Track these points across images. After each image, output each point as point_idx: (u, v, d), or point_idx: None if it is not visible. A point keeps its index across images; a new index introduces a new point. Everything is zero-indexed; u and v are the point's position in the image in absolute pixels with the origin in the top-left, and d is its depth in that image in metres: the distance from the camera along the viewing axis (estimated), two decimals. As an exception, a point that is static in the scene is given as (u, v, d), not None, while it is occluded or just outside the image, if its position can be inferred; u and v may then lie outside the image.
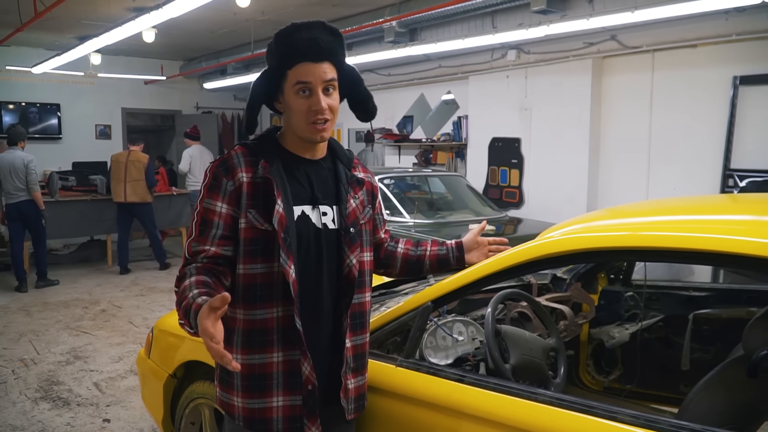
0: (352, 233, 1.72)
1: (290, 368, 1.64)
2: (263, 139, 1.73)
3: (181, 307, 1.50)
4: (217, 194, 1.62)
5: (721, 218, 1.74)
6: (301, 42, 1.61)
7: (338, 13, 7.29)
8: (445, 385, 1.83)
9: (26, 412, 3.93)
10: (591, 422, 1.52)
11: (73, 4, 6.31)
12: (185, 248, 1.66)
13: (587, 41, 5.99)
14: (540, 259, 1.80)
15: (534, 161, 6.86)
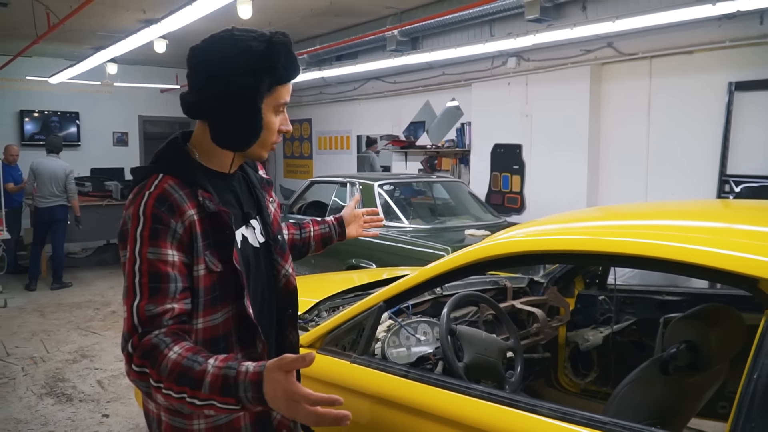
0: (280, 241, 1.60)
1: (260, 416, 1.47)
2: (184, 162, 1.45)
3: (203, 385, 1.19)
4: (165, 240, 1.32)
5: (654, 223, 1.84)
6: (295, 62, 1.48)
7: (342, 23, 7.47)
8: (391, 380, 1.95)
9: (31, 407, 4.13)
10: (514, 414, 1.63)
11: (86, 16, 6.55)
12: (133, 313, 1.28)
13: (584, 48, 6.06)
14: (481, 262, 1.91)
15: (535, 167, 6.94)
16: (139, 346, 1.25)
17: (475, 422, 1.69)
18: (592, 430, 1.48)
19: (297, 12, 6.90)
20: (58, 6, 5.99)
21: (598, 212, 2.36)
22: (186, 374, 1.20)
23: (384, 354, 2.32)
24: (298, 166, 11.55)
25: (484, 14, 6.00)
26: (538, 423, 1.56)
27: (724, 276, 1.45)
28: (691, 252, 1.48)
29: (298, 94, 10.67)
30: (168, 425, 1.42)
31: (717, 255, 1.46)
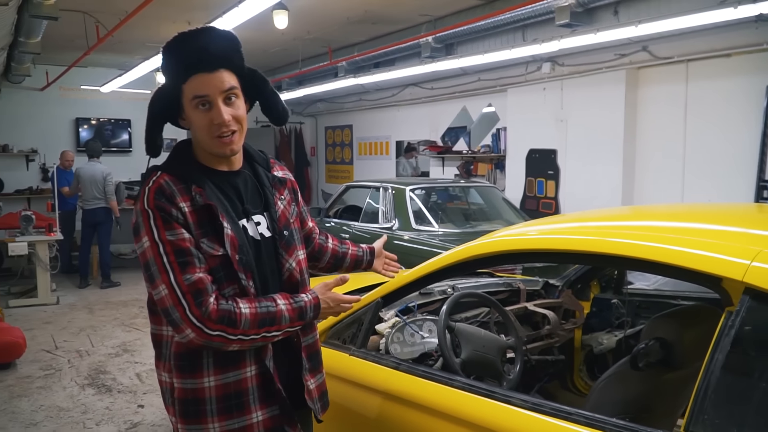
0: (286, 236, 1.69)
1: (264, 379, 1.60)
2: (182, 161, 1.60)
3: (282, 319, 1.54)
4: (175, 223, 1.49)
5: (634, 224, 1.88)
6: (191, 53, 1.50)
7: (378, 31, 7.61)
8: (384, 372, 2.05)
9: (73, 396, 4.38)
10: (492, 405, 1.70)
11: (135, 29, 6.90)
12: (174, 287, 1.46)
13: (618, 53, 6.02)
14: (468, 261, 1.99)
15: (569, 172, 6.90)
16: (208, 313, 1.45)
17: (456, 412, 1.78)
18: (561, 420, 1.54)
19: (334, 21, 7.07)
20: (108, 19, 6.34)
21: (591, 214, 2.40)
22: (265, 319, 1.52)
23: (387, 349, 2.41)
24: (339, 171, 11.75)
25: (515, 20, 6.03)
26: (506, 411, 1.63)
27: (691, 274, 1.49)
28: (658, 251, 1.53)
29: (340, 100, 10.87)
30: (180, 389, 1.56)
31: (683, 254, 1.50)
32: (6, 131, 9.89)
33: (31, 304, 7.04)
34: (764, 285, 1.34)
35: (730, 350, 1.35)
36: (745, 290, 1.38)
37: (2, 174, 9.89)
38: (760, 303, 1.35)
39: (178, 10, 6.38)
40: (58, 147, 9.68)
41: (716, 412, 1.32)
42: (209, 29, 1.54)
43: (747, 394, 1.32)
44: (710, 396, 1.34)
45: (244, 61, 1.61)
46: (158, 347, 1.63)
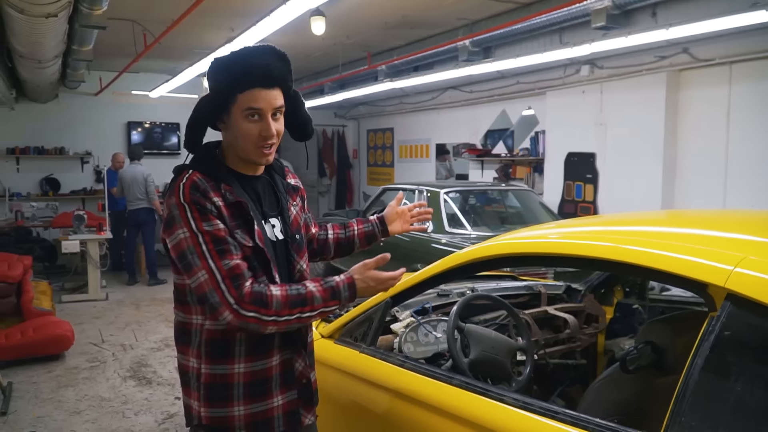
0: (297, 240, 1.80)
1: (285, 367, 1.73)
2: (210, 162, 1.70)
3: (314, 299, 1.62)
4: (211, 215, 1.60)
5: (629, 229, 1.90)
6: (255, 68, 1.61)
7: (417, 35, 7.67)
8: (390, 369, 2.12)
9: (115, 387, 4.61)
10: (487, 403, 1.76)
11: (181, 35, 7.16)
12: (215, 272, 1.57)
13: (658, 55, 5.92)
14: (473, 263, 2.05)
15: (608, 176, 6.82)
16: (244, 296, 1.56)
17: (453, 409, 1.83)
18: (549, 419, 1.59)
19: (372, 26, 7.18)
20: (155, 26, 6.60)
21: (600, 218, 2.41)
22: (297, 301, 1.61)
23: (401, 348, 2.49)
24: (380, 173, 11.86)
25: (552, 23, 6.00)
26: (498, 409, 1.68)
27: (677, 280, 1.52)
28: (645, 255, 1.56)
29: (381, 104, 10.98)
30: (208, 375, 1.67)
31: (668, 259, 1.52)
32: (62, 134, 10.37)
33: (82, 300, 7.39)
34: (745, 291, 1.36)
35: (709, 355, 1.37)
36: (727, 296, 1.40)
37: (58, 175, 10.38)
38: (741, 309, 1.37)
39: (221, 18, 6.58)
40: (111, 150, 10.09)
41: (693, 415, 1.35)
42: (272, 48, 1.66)
43: (723, 398, 1.34)
44: (688, 399, 1.37)
45: (293, 82, 1.75)
46: (186, 335, 1.72)
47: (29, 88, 8.82)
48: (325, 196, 12.75)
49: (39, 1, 3.97)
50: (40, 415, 4.09)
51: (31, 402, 4.30)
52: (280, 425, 1.72)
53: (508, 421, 1.67)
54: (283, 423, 1.73)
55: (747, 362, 1.36)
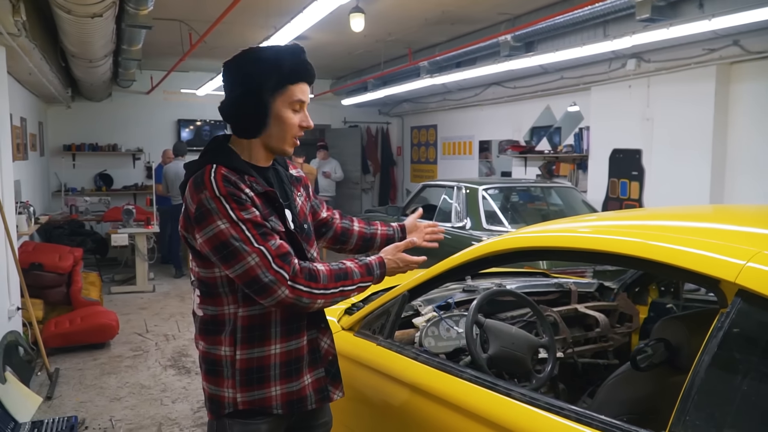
0: (306, 229, 1.87)
1: (313, 346, 1.83)
2: (229, 156, 1.75)
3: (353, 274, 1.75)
4: (248, 204, 1.66)
5: (642, 223, 1.84)
6: (306, 64, 1.76)
7: (458, 31, 7.61)
8: (403, 361, 2.13)
9: (155, 376, 4.75)
10: (497, 398, 1.74)
11: (226, 34, 7.31)
12: (265, 253, 1.62)
13: (707, 48, 5.70)
14: (485, 257, 2.02)
15: (654, 173, 6.62)
16: (297, 272, 1.65)
17: (463, 403, 1.82)
18: (554, 414, 1.56)
19: (412, 22, 7.16)
20: (201, 26, 6.75)
21: (616, 213, 2.35)
22: (339, 274, 1.74)
23: (421, 343, 2.48)
24: (424, 170, 11.83)
25: (595, 16, 5.86)
26: (505, 404, 1.66)
27: (690, 275, 1.46)
28: (658, 250, 1.51)
29: (424, 101, 10.94)
30: (244, 360, 1.72)
31: (681, 253, 1.47)
32: (115, 132, 10.74)
33: (130, 291, 7.64)
34: (756, 287, 1.31)
35: (717, 352, 1.32)
36: (738, 292, 1.34)
37: (111, 171, 10.76)
38: (752, 305, 1.31)
39: (263, 17, 6.68)
40: (162, 147, 10.39)
41: (698, 413, 1.30)
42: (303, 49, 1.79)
43: (728, 397, 1.29)
44: (693, 398, 1.32)
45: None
46: (217, 326, 1.75)
47: (84, 87, 9.15)
48: (369, 193, 12.79)
49: (84, 1, 4.10)
50: (83, 400, 4.25)
51: (75, 387, 4.48)
52: (312, 402, 1.82)
53: (513, 416, 1.65)
54: (315, 400, 1.82)
55: (755, 360, 1.30)
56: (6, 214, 4.43)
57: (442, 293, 2.95)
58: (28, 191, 7.32)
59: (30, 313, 4.74)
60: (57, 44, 6.20)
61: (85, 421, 3.89)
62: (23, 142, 7.31)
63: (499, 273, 3.48)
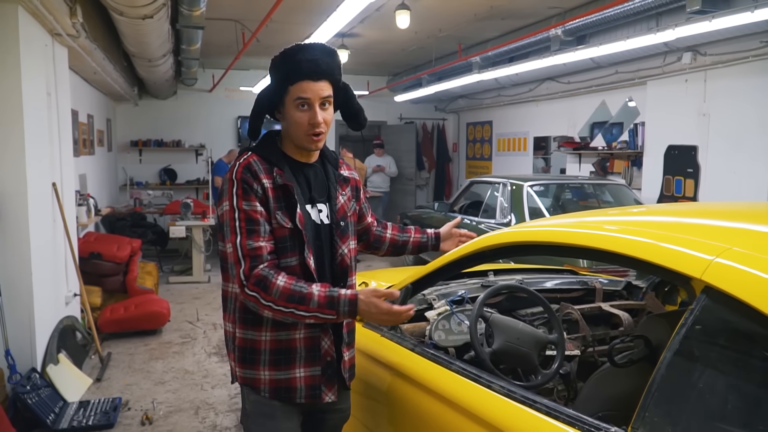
0: (342, 226, 1.94)
1: (311, 344, 1.87)
2: (269, 147, 1.90)
3: (312, 302, 1.72)
4: (253, 197, 1.78)
5: (627, 219, 1.81)
6: (303, 63, 1.78)
7: (509, 26, 7.53)
8: (402, 351, 2.17)
9: (199, 362, 4.96)
10: (485, 392, 1.75)
11: (275, 33, 7.51)
12: (238, 248, 1.75)
13: (764, 40, 5.43)
14: (483, 251, 2.04)
15: (711, 171, 6.35)
16: (251, 276, 1.74)
17: (448, 394, 1.85)
18: (528, 407, 1.57)
19: (461, 18, 7.13)
20: (254, 25, 6.95)
21: (618, 210, 2.30)
22: (295, 296, 1.73)
23: (431, 336, 2.51)
24: (479, 167, 11.75)
25: (646, 8, 5.67)
26: (485, 394, 1.68)
27: (661, 271, 1.44)
28: (631, 244, 1.49)
29: (479, 96, 10.87)
30: (241, 339, 1.88)
31: (650, 247, 1.46)
32: (180, 128, 11.19)
33: (187, 281, 7.96)
34: (720, 284, 1.28)
35: (678, 349, 1.31)
36: (704, 289, 1.32)
37: (175, 166, 11.21)
38: (715, 302, 1.29)
39: (309, 14, 6.81)
40: (223, 143, 10.77)
41: (656, 410, 1.30)
42: (321, 45, 1.84)
43: (684, 394, 1.27)
44: (653, 394, 1.31)
45: (342, 76, 1.92)
46: (225, 301, 1.94)
47: (149, 86, 9.58)
48: (423, 189, 12.81)
49: (134, 3, 4.32)
50: (129, 383, 4.49)
51: (123, 371, 4.74)
52: (301, 396, 1.87)
53: (492, 408, 1.67)
54: (305, 395, 1.87)
55: (713, 358, 1.28)
56: (65, 206, 4.73)
57: (460, 287, 2.97)
58: (94, 185, 7.76)
59: (84, 299, 5.04)
60: (119, 45, 6.53)
61: (129, 403, 4.12)
62: (90, 138, 7.74)
63: (525, 270, 3.46)
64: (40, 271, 4.04)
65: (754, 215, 1.74)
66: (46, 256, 4.25)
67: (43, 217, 4.25)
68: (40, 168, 4.18)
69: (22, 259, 3.86)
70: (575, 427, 1.42)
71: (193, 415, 3.94)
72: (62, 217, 4.64)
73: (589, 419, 1.41)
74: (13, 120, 3.73)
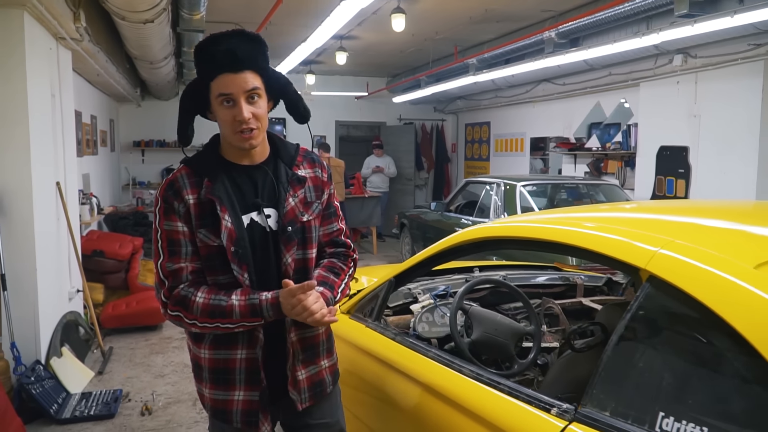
0: (288, 232, 1.74)
1: (251, 366, 1.73)
2: (205, 154, 1.78)
3: (234, 314, 1.63)
4: (174, 215, 1.68)
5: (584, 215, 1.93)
6: (219, 54, 1.62)
7: (504, 29, 7.66)
8: (384, 341, 2.30)
9: (198, 357, 5.09)
10: (456, 376, 1.88)
11: (274, 35, 7.67)
12: (158, 271, 1.69)
13: (752, 42, 5.54)
14: (457, 246, 2.17)
15: (701, 171, 6.47)
16: (171, 297, 1.67)
17: (425, 379, 1.98)
18: (489, 387, 1.70)
19: (456, 21, 7.27)
20: (253, 28, 7.10)
21: (585, 207, 2.43)
22: (216, 311, 1.64)
23: (415, 328, 2.65)
24: (477, 167, 11.87)
25: (637, 11, 5.79)
26: (455, 378, 1.81)
27: (612, 262, 1.57)
28: (583, 237, 1.62)
29: (477, 98, 10.99)
30: (191, 353, 1.85)
31: (601, 239, 1.58)
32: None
33: (188, 279, 8.10)
34: (662, 274, 1.41)
35: (623, 333, 1.44)
36: (648, 278, 1.44)
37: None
38: (657, 290, 1.42)
39: (309, 18, 6.94)
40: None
41: (602, 387, 1.42)
42: (239, 32, 1.66)
43: (627, 373, 1.40)
44: (600, 374, 1.44)
45: (269, 62, 1.73)
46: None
47: (151, 87, 9.73)
48: (423, 189, 12.94)
49: (135, 8, 4.46)
50: (130, 376, 4.64)
51: (125, 365, 4.88)
52: (237, 421, 1.75)
53: (463, 390, 1.79)
54: (240, 420, 1.75)
55: (651, 342, 1.41)
56: (69, 205, 4.87)
57: (445, 282, 3.10)
58: (96, 184, 7.90)
59: (86, 295, 5.18)
60: (122, 48, 6.68)
61: (129, 394, 4.25)
62: (93, 138, 7.89)
63: (510, 266, 3.60)
64: (44, 267, 4.18)
65: (700, 211, 1.87)
66: (50, 253, 4.40)
67: (48, 215, 4.39)
68: (45, 168, 4.33)
69: (27, 255, 4.00)
70: (533, 405, 1.55)
71: (191, 406, 4.07)
72: (66, 215, 4.78)
73: (545, 397, 1.54)
74: (18, 121, 3.87)
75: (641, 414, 1.31)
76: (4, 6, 3.77)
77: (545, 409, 1.50)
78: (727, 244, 1.48)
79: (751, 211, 1.94)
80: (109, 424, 3.81)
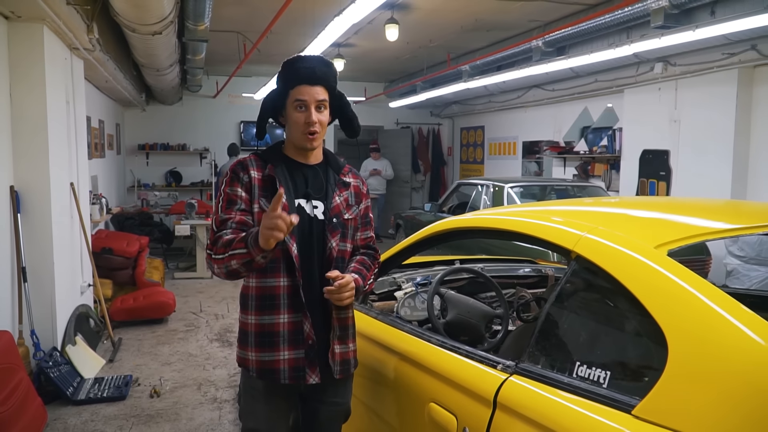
0: (334, 223, 2.09)
1: (294, 328, 2.02)
2: (272, 149, 2.15)
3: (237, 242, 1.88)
4: (237, 184, 2.04)
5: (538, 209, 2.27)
6: (302, 69, 2.03)
7: (494, 37, 8.00)
8: (369, 320, 2.62)
9: (202, 347, 5.42)
10: (426, 345, 2.20)
11: (274, 43, 8.00)
12: (212, 225, 2.01)
13: (726, 52, 5.88)
14: (433, 236, 2.50)
15: (681, 173, 6.80)
16: (211, 238, 2.00)
17: (397, 347, 2.30)
18: (454, 353, 2.02)
19: (449, 30, 7.61)
20: (256, 37, 7.44)
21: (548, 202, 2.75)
22: (227, 243, 1.92)
23: (398, 312, 2.97)
24: (471, 170, 12.21)
25: (617, 23, 6.13)
26: (426, 347, 2.14)
27: (551, 246, 1.90)
28: (524, 225, 1.95)
29: (471, 102, 11.33)
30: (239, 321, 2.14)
31: (539, 226, 1.92)
32: (185, 132, 11.70)
33: (191, 277, 8.44)
34: (586, 254, 1.73)
35: (553, 303, 1.76)
36: (576, 257, 1.77)
37: (181, 169, 11.72)
38: (582, 266, 1.74)
39: (308, 27, 7.29)
40: (226, 146, 11.22)
41: (536, 346, 1.75)
42: (319, 57, 2.10)
43: (555, 334, 1.72)
44: (535, 335, 1.76)
45: (337, 84, 2.15)
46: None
47: (156, 92, 10.08)
48: (419, 192, 13.27)
49: (145, 22, 4.80)
50: (139, 363, 4.96)
51: (133, 354, 5.21)
52: (285, 377, 2.03)
53: (429, 356, 2.12)
54: (288, 376, 2.03)
55: (574, 308, 1.73)
56: (81, 204, 5.20)
57: (428, 272, 3.43)
58: (104, 185, 8.25)
59: (98, 290, 5.51)
60: (129, 56, 7.02)
61: (139, 380, 4.58)
62: (101, 142, 8.24)
63: (489, 259, 3.92)
64: (60, 262, 4.52)
65: (627, 204, 2.19)
66: (65, 249, 4.73)
67: (63, 213, 4.73)
68: (61, 170, 4.66)
69: (45, 250, 4.33)
70: (484, 363, 1.87)
71: (196, 390, 4.40)
72: (79, 214, 5.12)
73: (494, 357, 1.86)
74: (39, 127, 4.21)
75: (564, 365, 1.64)
76: (27, 21, 4.10)
77: (492, 366, 1.82)
78: (637, 230, 1.81)
79: (667, 204, 2.26)
80: (120, 405, 4.14)
